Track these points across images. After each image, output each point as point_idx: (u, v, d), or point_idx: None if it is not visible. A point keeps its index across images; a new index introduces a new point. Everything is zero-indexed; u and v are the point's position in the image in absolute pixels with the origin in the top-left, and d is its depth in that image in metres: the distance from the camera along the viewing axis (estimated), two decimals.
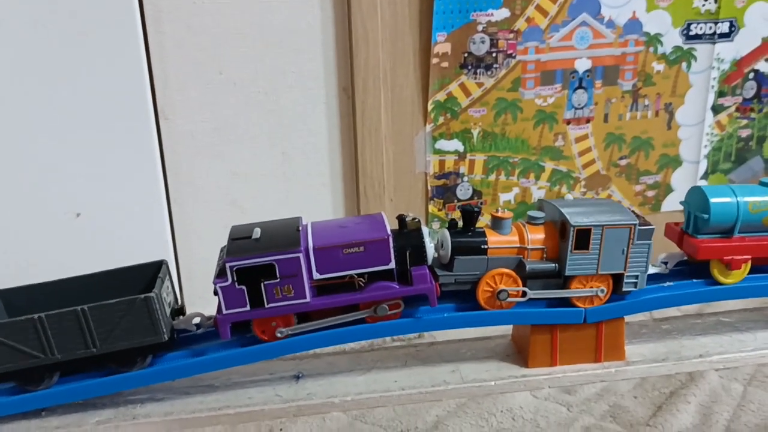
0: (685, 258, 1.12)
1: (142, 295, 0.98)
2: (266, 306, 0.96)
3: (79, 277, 1.07)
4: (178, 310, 1.07)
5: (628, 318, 1.12)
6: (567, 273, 1.02)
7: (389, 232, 0.98)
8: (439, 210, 2.16)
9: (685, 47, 2.15)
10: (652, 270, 1.08)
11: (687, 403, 1.75)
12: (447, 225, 1.04)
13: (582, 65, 2.11)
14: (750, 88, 2.26)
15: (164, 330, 0.99)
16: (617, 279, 1.04)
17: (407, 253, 0.98)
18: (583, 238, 1.00)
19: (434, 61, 2.00)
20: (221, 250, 1.03)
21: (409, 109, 2.02)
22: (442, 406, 1.77)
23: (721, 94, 2.24)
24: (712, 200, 1.05)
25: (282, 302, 0.96)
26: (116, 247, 1.76)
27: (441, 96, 2.04)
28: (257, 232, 0.98)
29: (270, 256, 0.95)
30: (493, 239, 1.03)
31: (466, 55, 2.02)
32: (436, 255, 1.04)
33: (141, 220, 1.83)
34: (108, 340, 0.98)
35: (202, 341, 1.06)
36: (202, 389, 1.04)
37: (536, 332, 1.04)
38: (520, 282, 1.01)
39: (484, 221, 1.11)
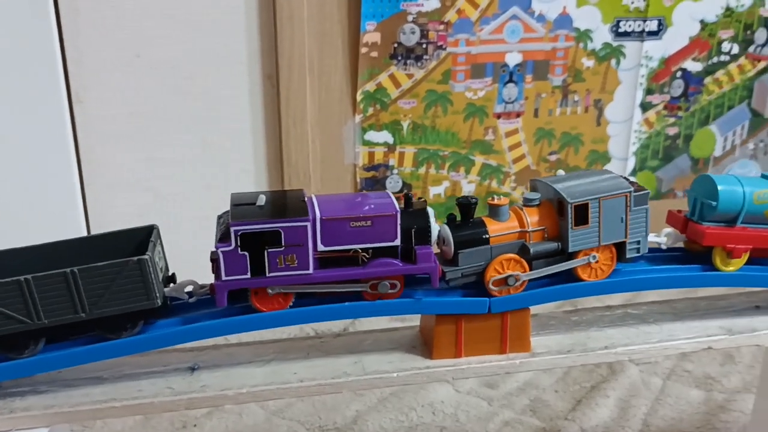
0: (684, 241, 1.13)
1: (135, 258, 0.92)
2: (267, 275, 0.93)
3: (63, 241, 0.99)
4: (169, 278, 1.01)
5: (538, 309, 1.11)
6: (570, 249, 1.01)
7: (397, 209, 0.96)
8: None
9: (615, 44, 2.17)
10: (652, 237, 1.09)
11: (606, 397, 1.76)
12: (445, 220, 1.02)
13: (512, 59, 2.10)
14: (678, 87, 2.29)
15: (157, 295, 0.93)
16: (620, 247, 1.04)
17: (412, 232, 0.96)
18: (581, 213, 1.00)
19: (363, 50, 1.96)
20: (219, 217, 0.98)
21: (337, 98, 1.99)
22: (363, 401, 1.75)
23: (649, 91, 2.26)
24: (720, 188, 1.06)
25: (284, 272, 0.93)
26: (26, 234, 1.68)
27: (370, 86, 2.01)
28: (262, 199, 0.94)
29: (277, 223, 0.92)
30: (494, 227, 1.02)
31: (396, 45, 1.99)
32: (438, 251, 1.01)
33: (53, 206, 1.75)
34: (98, 304, 0.92)
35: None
36: (89, 381, 0.98)
37: (441, 323, 1.01)
38: (526, 265, 1.01)
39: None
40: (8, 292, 0.90)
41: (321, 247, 0.94)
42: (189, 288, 1.00)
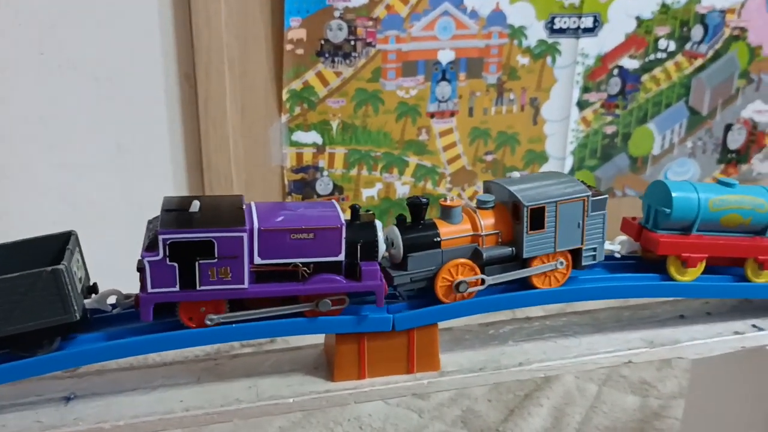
0: (639, 249, 1.08)
1: (49, 268, 0.83)
2: (198, 288, 0.85)
3: None
4: (90, 288, 0.92)
5: (455, 322, 1.04)
6: (525, 255, 0.96)
7: (343, 222, 0.89)
8: None
9: (550, 41, 2.12)
10: (606, 246, 1.04)
11: (539, 406, 1.71)
12: (395, 221, 0.96)
13: (445, 57, 2.04)
14: (614, 85, 2.25)
15: (75, 308, 0.85)
16: (576, 254, 0.99)
17: (358, 247, 0.90)
18: (537, 217, 0.95)
19: (288, 47, 1.88)
20: (150, 222, 0.91)
21: (262, 98, 1.90)
22: (287, 416, 1.67)
23: (586, 89, 2.22)
24: (675, 194, 1.02)
25: (216, 286, 0.86)
26: None
27: (297, 85, 1.93)
28: (196, 206, 0.87)
29: (210, 232, 0.84)
30: (445, 230, 0.95)
31: (322, 42, 1.91)
32: (386, 254, 0.95)
33: None
34: (9, 320, 0.83)
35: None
36: None
37: (342, 342, 0.94)
38: (478, 271, 0.95)
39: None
40: None
41: (258, 260, 0.87)
42: (112, 299, 0.92)
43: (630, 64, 2.24)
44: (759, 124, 2.49)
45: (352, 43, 1.93)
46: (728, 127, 2.45)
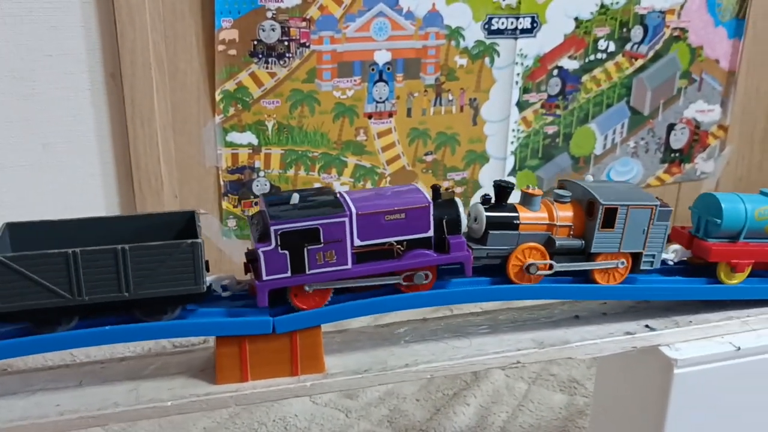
0: (688, 256, 1.19)
1: (189, 240, 0.90)
2: (307, 272, 0.94)
3: (97, 218, 0.97)
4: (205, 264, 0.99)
5: (348, 324, 1.04)
6: (593, 250, 1.05)
7: (429, 200, 0.98)
8: (235, 206, 2.03)
9: (488, 42, 2.12)
10: (663, 255, 1.14)
11: (466, 405, 1.72)
12: (481, 199, 1.06)
13: (381, 57, 2.04)
14: (555, 85, 2.26)
15: (204, 281, 0.92)
16: (636, 258, 1.08)
17: (444, 222, 0.99)
18: (610, 216, 1.04)
19: (220, 48, 1.87)
20: (251, 218, 1.00)
21: (194, 98, 1.89)
22: (212, 416, 1.66)
23: (525, 90, 2.23)
24: (724, 206, 1.12)
25: (323, 269, 0.95)
26: None
27: (230, 85, 1.92)
28: (296, 198, 0.96)
29: (316, 219, 0.93)
30: (525, 215, 1.04)
31: (255, 42, 1.90)
32: (467, 229, 1.04)
33: None
34: (143, 285, 0.90)
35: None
36: None
37: (222, 345, 0.94)
38: (548, 257, 1.04)
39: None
40: (52, 264, 0.86)
41: (357, 242, 0.95)
42: (225, 282, 0.99)
43: (570, 64, 2.25)
44: (702, 124, 2.51)
45: (286, 43, 1.93)
46: (671, 127, 2.48)
